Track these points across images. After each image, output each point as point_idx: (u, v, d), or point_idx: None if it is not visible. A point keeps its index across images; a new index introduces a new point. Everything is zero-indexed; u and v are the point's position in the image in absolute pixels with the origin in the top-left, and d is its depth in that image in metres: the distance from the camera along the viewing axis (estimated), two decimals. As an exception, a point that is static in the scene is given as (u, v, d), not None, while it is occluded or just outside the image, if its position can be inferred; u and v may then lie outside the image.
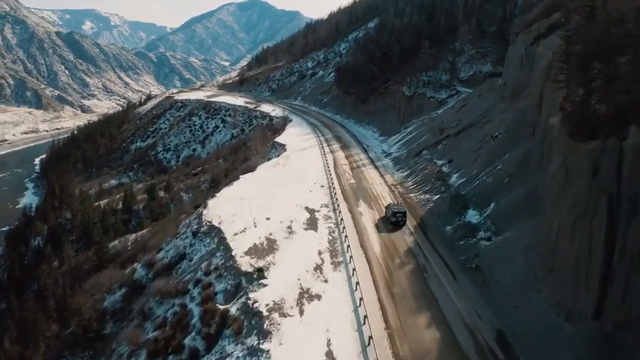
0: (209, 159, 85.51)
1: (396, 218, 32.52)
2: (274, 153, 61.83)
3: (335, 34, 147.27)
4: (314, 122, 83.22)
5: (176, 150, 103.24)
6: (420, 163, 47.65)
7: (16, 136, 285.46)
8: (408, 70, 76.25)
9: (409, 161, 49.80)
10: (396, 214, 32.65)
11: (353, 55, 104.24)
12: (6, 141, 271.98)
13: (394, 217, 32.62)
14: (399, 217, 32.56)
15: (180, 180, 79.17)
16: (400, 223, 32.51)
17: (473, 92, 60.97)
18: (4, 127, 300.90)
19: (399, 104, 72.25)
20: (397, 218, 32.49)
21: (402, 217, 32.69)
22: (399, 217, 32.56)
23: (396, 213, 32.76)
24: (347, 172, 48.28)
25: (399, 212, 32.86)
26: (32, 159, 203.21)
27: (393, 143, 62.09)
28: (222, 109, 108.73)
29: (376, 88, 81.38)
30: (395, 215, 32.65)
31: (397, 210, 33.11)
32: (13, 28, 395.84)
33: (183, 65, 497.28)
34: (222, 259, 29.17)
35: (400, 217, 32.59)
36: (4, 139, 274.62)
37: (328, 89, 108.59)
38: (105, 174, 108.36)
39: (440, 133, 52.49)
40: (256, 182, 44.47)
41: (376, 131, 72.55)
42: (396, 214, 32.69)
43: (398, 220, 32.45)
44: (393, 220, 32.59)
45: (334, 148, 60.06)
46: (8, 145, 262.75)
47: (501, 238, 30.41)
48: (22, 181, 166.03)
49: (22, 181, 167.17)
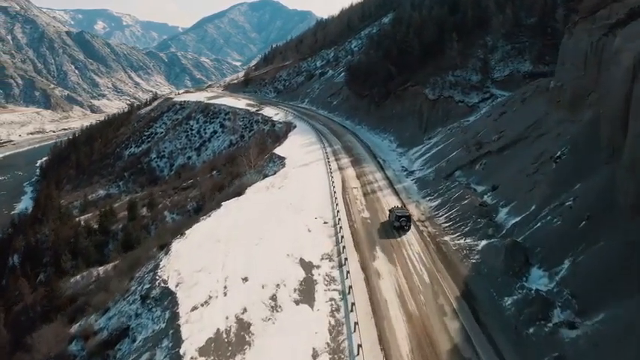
0: (203, 169, 75.77)
1: (399, 223, 31.16)
2: (271, 168, 51.64)
3: (346, 30, 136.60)
4: (321, 129, 72.84)
5: (170, 157, 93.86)
6: (454, 188, 36.90)
7: (22, 137, 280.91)
8: (431, 69, 65.30)
9: (438, 185, 39.02)
10: (399, 219, 31.23)
11: (366, 53, 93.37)
12: (11, 142, 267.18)
13: (397, 221, 31.19)
14: (402, 221, 31.17)
15: (167, 195, 69.52)
16: (405, 228, 31.02)
17: (513, 96, 49.83)
18: (10, 127, 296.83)
19: (421, 109, 61.45)
20: (401, 223, 31.15)
21: (405, 221, 31.19)
22: (402, 221, 31.17)
23: (399, 217, 31.28)
24: (358, 198, 37.73)
25: (403, 216, 31.34)
26: (35, 161, 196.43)
27: (415, 157, 51.31)
28: (222, 113, 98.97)
29: (393, 89, 70.61)
30: (399, 219, 31.22)
31: (401, 214, 31.54)
32: (23, 28, 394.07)
33: (194, 65, 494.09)
34: (167, 357, 18.99)
35: (404, 222, 31.16)
36: (9, 140, 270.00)
37: (338, 91, 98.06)
38: (94, 182, 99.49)
39: (477, 148, 41.61)
40: (241, 214, 34.27)
41: (393, 141, 61.81)
42: (400, 218, 31.26)
43: (402, 225, 31.08)
44: (397, 224, 31.15)
45: (343, 164, 49.58)
46: (13, 146, 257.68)
47: (592, 324, 19.68)
48: (21, 185, 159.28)
49: (22, 184, 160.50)
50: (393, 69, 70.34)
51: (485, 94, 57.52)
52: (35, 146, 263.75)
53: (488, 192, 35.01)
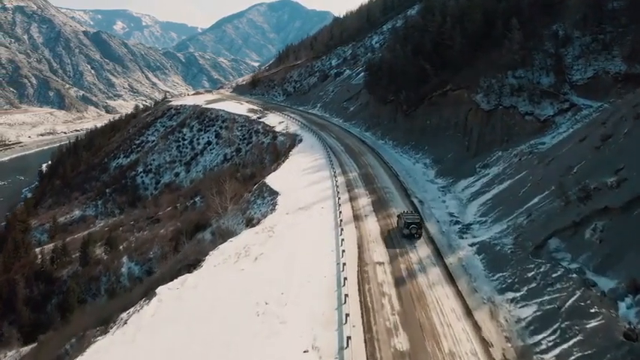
0: (187, 191, 60.95)
1: (409, 230, 27.53)
2: (257, 208, 36.16)
3: (366, 25, 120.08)
4: (333, 144, 57.06)
5: (157, 173, 79.59)
6: (557, 279, 20.52)
7: (32, 138, 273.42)
8: (481, 68, 48.68)
9: (524, 265, 22.63)
10: (409, 225, 27.57)
11: (390, 49, 76.73)
12: (19, 143, 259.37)
13: (407, 228, 27.56)
14: (412, 228, 27.52)
15: (137, 227, 54.86)
16: (415, 236, 27.38)
17: (615, 108, 33.11)
18: (21, 128, 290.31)
19: (467, 122, 45.10)
20: (411, 230, 27.52)
21: (416, 228, 27.54)
22: (412, 228, 27.52)
23: (409, 224, 27.63)
24: (387, 293, 21.42)
25: (414, 223, 27.73)
26: (40, 164, 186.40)
27: (467, 197, 34.87)
28: (219, 120, 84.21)
29: (427, 94, 54.27)
30: (408, 227, 27.55)
31: (411, 220, 27.93)
32: (40, 27, 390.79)
33: (212, 65, 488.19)
34: None
35: (414, 229, 27.52)
36: (18, 142, 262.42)
37: (356, 94, 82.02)
38: (73, 199, 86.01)
39: (580, 198, 25.07)
40: (172, 329, 18.86)
41: (430, 165, 45.56)
42: (410, 225, 27.60)
43: (412, 233, 27.52)
44: (406, 232, 27.57)
45: (361, 207, 33.55)
46: (20, 148, 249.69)
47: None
48: (20, 191, 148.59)
49: (21, 190, 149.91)
50: (429, 67, 53.82)
51: (563, 104, 40.68)
52: (44, 148, 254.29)
53: (626, 294, 18.64)
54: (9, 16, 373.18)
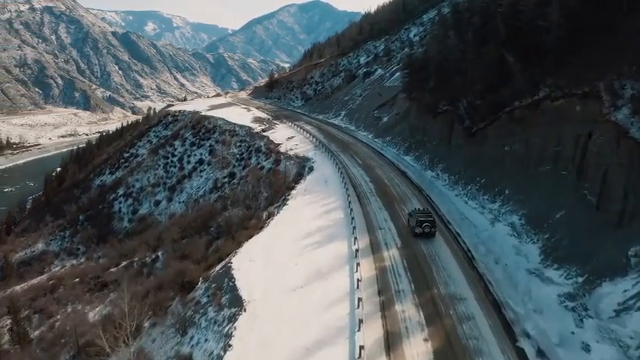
0: (151, 239, 43.59)
1: (422, 229, 23.82)
2: (195, 341, 17.92)
3: (402, 16, 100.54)
4: (358, 178, 38.30)
5: (137, 199, 63.33)
6: None
7: (52, 140, 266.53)
8: (601, 62, 28.73)
9: None
10: (422, 224, 23.83)
11: (439, 39, 56.93)
12: (37, 145, 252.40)
13: (420, 226, 23.84)
14: (426, 227, 23.82)
15: (73, 295, 37.81)
16: (429, 235, 23.96)
17: None
18: (42, 129, 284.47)
19: (592, 156, 25.45)
20: (424, 229, 23.84)
21: (429, 226, 23.95)
22: (426, 227, 23.82)
23: (422, 222, 23.86)
24: None
25: (427, 221, 24.01)
26: (54, 168, 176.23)
27: (632, 336, 15.70)
28: (217, 131, 67.25)
29: (506, 104, 34.62)
30: (421, 225, 23.82)
31: (424, 218, 24.19)
32: (68, 28, 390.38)
33: (241, 66, 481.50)
34: None
35: (428, 228, 23.89)
36: (36, 144, 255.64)
37: (391, 100, 63.04)
38: (43, 226, 70.95)
39: None
40: None
41: (524, 230, 26.09)
42: (423, 223, 23.85)
43: (425, 232, 23.85)
44: (419, 230, 23.84)
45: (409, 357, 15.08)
46: (37, 151, 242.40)
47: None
48: (25, 199, 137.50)
49: (26, 199, 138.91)
50: (512, 59, 33.90)
51: None
52: (62, 151, 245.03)
53: None
54: (37, 16, 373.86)
